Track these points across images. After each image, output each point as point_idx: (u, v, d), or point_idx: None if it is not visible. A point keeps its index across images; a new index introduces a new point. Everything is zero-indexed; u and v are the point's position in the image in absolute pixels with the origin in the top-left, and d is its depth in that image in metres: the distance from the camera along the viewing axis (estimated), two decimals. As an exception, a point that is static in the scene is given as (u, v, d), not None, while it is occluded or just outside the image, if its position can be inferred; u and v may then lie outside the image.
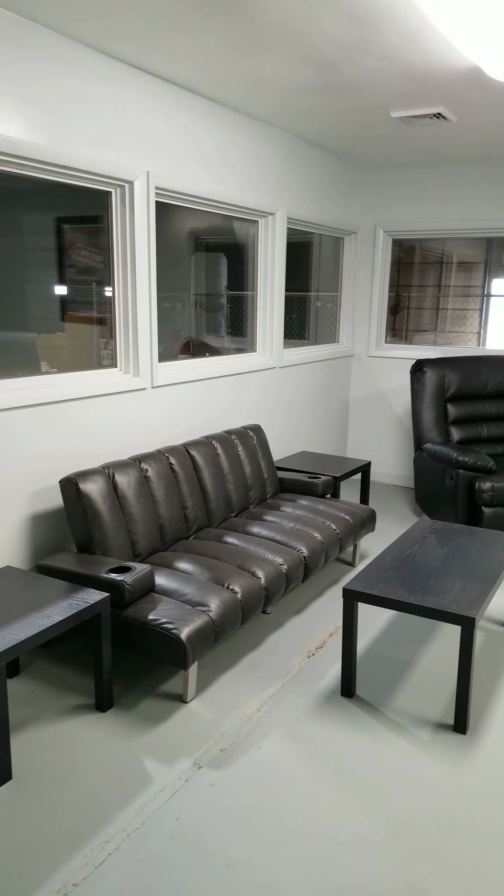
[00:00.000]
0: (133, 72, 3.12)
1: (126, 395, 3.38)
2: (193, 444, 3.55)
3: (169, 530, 3.21)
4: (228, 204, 3.91)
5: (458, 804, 2.11)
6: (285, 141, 4.34)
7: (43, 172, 2.85)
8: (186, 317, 4.10)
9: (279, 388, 4.71)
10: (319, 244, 5.29)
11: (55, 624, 2.22)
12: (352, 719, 2.52)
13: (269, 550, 3.13)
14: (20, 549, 2.91)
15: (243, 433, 3.93)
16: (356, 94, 3.49)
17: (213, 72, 3.19)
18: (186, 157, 3.54)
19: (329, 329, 5.56)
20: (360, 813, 2.07)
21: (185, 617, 2.51)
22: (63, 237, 3.21)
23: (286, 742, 2.38)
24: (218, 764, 2.26)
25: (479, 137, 4.34)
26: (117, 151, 3.11)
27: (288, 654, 2.97)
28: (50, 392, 2.95)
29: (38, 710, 2.52)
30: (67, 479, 2.83)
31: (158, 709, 2.55)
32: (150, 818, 2.03)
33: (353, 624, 2.60)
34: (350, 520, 3.66)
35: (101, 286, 3.36)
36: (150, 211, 3.32)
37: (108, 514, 2.88)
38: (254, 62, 3.04)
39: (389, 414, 5.71)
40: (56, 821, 2.01)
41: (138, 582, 2.60)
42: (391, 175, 5.35)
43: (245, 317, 4.52)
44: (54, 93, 2.77)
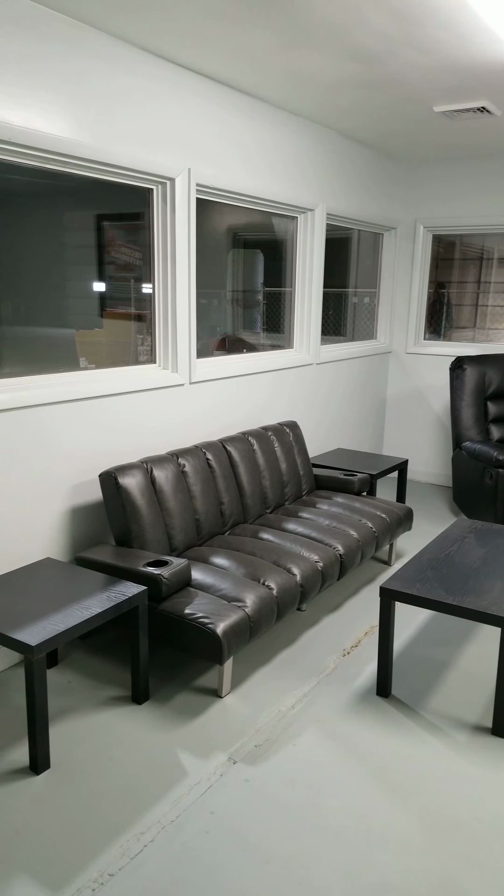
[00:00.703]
0: (175, 69, 3.13)
1: (164, 391, 3.40)
2: (230, 439, 3.56)
3: (205, 525, 3.22)
4: (268, 200, 3.90)
5: (497, 808, 2.08)
6: (326, 136, 4.32)
7: (87, 170, 2.88)
8: (222, 313, 4.11)
9: (316, 385, 4.69)
10: (358, 240, 5.24)
11: (94, 616, 2.25)
12: (388, 719, 2.50)
13: (304, 547, 3.12)
14: (60, 542, 2.96)
15: (279, 429, 3.93)
16: (398, 88, 3.44)
17: (255, 68, 3.18)
18: (227, 153, 3.54)
19: (367, 325, 5.52)
20: (397, 813, 2.05)
21: (221, 612, 2.52)
22: (103, 234, 3.24)
23: (321, 740, 2.37)
24: (253, 760, 2.27)
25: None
26: (159, 149, 3.13)
27: (323, 651, 2.96)
28: (90, 387, 2.98)
29: (75, 701, 2.56)
30: (107, 473, 2.86)
31: (193, 703, 2.57)
32: (185, 811, 2.04)
33: (389, 623, 2.58)
34: (387, 518, 3.63)
35: (139, 283, 3.39)
36: (191, 208, 3.33)
37: (145, 508, 2.91)
38: (296, 57, 3.02)
39: (427, 412, 5.64)
40: (93, 810, 2.04)
41: (175, 576, 2.62)
42: (432, 170, 5.27)
43: (281, 313, 4.50)
44: (98, 91, 2.79)
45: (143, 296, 3.40)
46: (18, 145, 2.53)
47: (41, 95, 2.57)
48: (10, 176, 2.74)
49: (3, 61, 2.42)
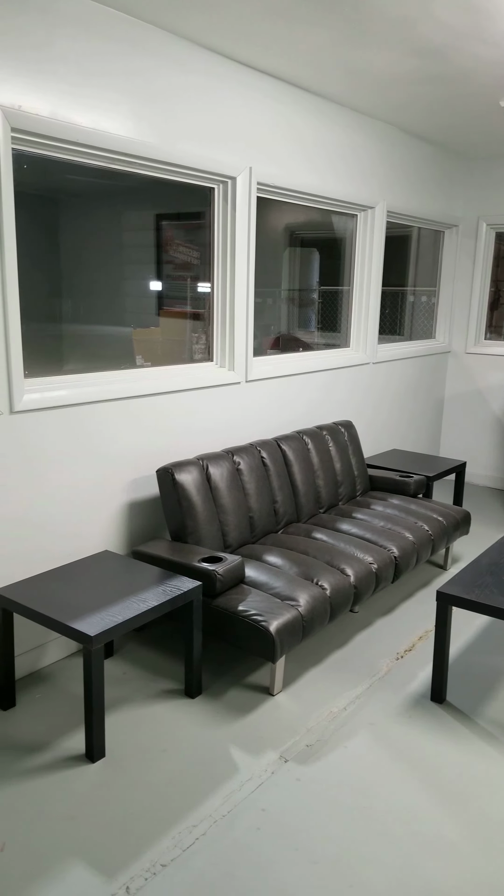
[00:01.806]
0: (236, 66, 3.14)
1: (221, 389, 3.42)
2: (284, 438, 3.56)
3: (258, 523, 3.23)
4: (328, 198, 3.88)
5: None
6: (387, 133, 4.26)
7: (151, 170, 2.92)
8: (277, 312, 4.11)
9: (372, 384, 4.65)
10: (417, 238, 5.16)
11: (150, 609, 2.28)
12: (442, 725, 2.46)
13: (358, 548, 3.09)
14: (118, 535, 3.01)
15: (334, 429, 3.90)
16: (463, 83, 3.37)
17: (317, 64, 3.16)
18: (287, 151, 3.54)
19: (425, 325, 5.43)
20: (450, 820, 2.02)
21: (275, 610, 2.52)
22: (161, 234, 3.28)
23: (373, 743, 2.35)
24: (304, 759, 2.26)
25: None
26: (221, 147, 3.14)
27: (376, 654, 2.93)
28: (149, 385, 3.02)
29: (129, 692, 2.61)
30: (164, 469, 2.90)
31: (245, 699, 2.58)
32: (236, 807, 2.05)
33: (446, 628, 2.53)
34: (443, 521, 3.56)
35: (195, 281, 3.42)
36: (252, 206, 3.34)
37: (201, 504, 2.94)
38: (359, 53, 2.99)
39: (487, 413, 5.52)
40: (146, 801, 2.07)
41: (229, 573, 2.64)
42: (496, 166, 5.14)
43: (336, 312, 4.47)
44: (161, 90, 2.83)
45: (199, 294, 3.43)
46: (86, 146, 2.58)
47: (107, 96, 2.62)
48: (72, 177, 2.80)
49: (69, 63, 2.48)
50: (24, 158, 2.50)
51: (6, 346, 2.44)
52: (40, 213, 2.73)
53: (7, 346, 2.44)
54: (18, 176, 2.46)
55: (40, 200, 2.72)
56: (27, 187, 2.56)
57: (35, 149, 2.48)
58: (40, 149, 2.49)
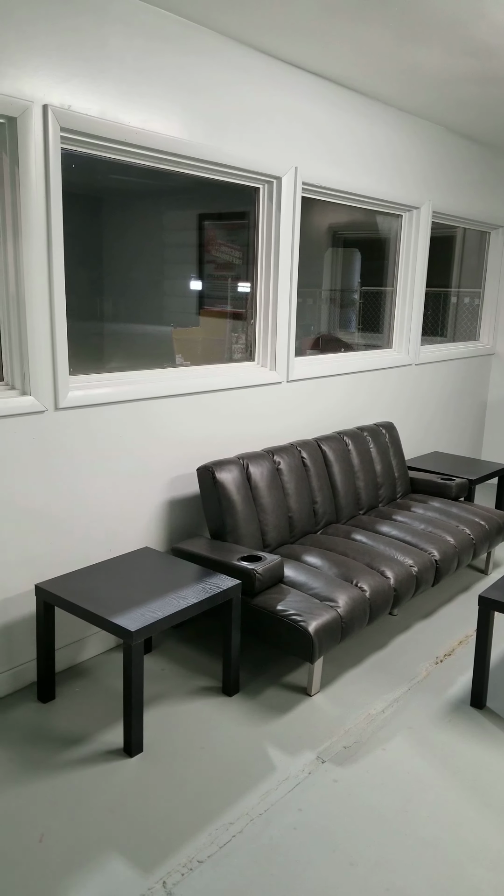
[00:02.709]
0: (284, 66, 3.14)
1: (262, 389, 3.42)
2: (325, 439, 3.54)
3: (298, 523, 3.22)
4: (374, 198, 3.85)
5: None
6: (433, 133, 4.21)
7: (197, 170, 2.94)
8: (317, 312, 4.09)
9: (414, 386, 4.59)
10: (463, 238, 5.08)
11: (190, 606, 2.30)
12: (482, 731, 2.41)
13: (398, 551, 3.06)
14: (158, 532, 3.04)
15: (375, 430, 3.87)
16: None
17: (367, 64, 3.14)
18: (333, 151, 3.52)
19: (468, 326, 5.34)
20: (491, 827, 1.98)
21: (313, 610, 2.51)
22: (203, 233, 3.30)
23: (412, 747, 2.32)
24: (342, 761, 2.25)
25: None
26: (267, 147, 3.15)
27: (415, 658, 2.89)
28: (190, 383, 3.04)
29: (168, 688, 2.62)
30: (204, 468, 2.91)
31: (283, 699, 2.57)
32: (273, 806, 2.05)
33: (487, 633, 2.49)
34: (485, 525, 3.50)
35: (236, 281, 3.42)
36: (296, 206, 3.34)
37: (240, 503, 2.94)
38: (410, 53, 2.96)
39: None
40: (183, 796, 2.08)
41: (268, 572, 2.64)
42: (545, 164, 5.04)
43: (378, 313, 4.43)
44: (208, 90, 2.85)
45: (239, 294, 3.44)
46: (134, 146, 2.61)
47: (156, 96, 2.65)
48: (116, 176, 2.83)
49: (119, 63, 2.51)
50: (72, 158, 2.54)
51: (52, 344, 2.48)
52: (84, 212, 2.77)
53: (53, 343, 2.48)
54: (65, 175, 2.50)
55: (84, 199, 2.75)
56: (73, 186, 2.60)
57: (84, 148, 2.52)
58: (89, 148, 2.53)
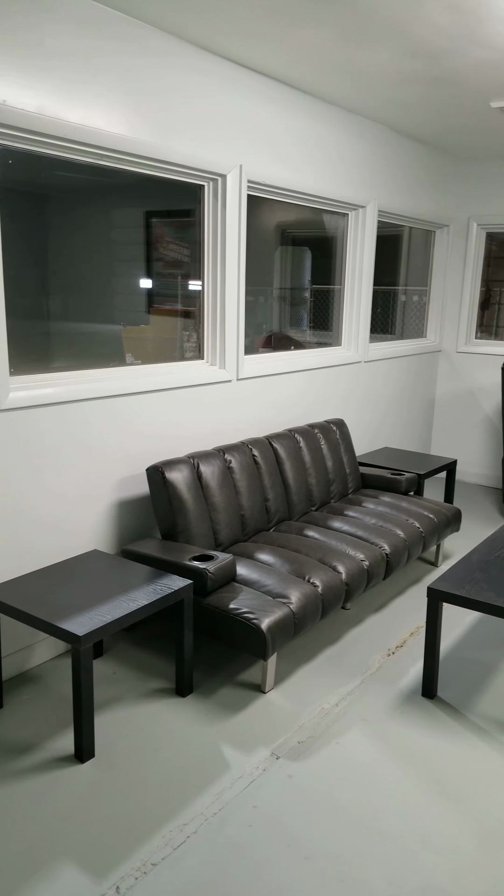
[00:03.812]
0: (229, 65, 3.14)
1: (212, 387, 3.41)
2: (276, 436, 3.55)
3: (250, 521, 3.22)
4: (319, 197, 3.88)
5: (547, 817, 2.02)
6: (379, 133, 4.27)
7: (141, 167, 2.91)
8: (269, 310, 4.10)
9: (363, 383, 4.65)
10: (409, 237, 5.17)
11: (140, 608, 2.27)
12: (434, 720, 2.45)
13: (350, 546, 3.09)
14: (107, 534, 3.00)
15: (326, 427, 3.90)
16: (456, 84, 3.38)
17: (310, 65, 3.16)
18: (279, 150, 3.53)
19: (416, 324, 5.44)
20: (445, 815, 2.01)
21: (266, 608, 2.51)
22: (151, 231, 3.27)
23: (366, 739, 2.34)
24: (296, 756, 2.25)
25: None
26: (212, 145, 3.14)
27: (367, 650, 2.92)
28: (138, 383, 3.01)
29: (120, 692, 2.59)
30: (154, 468, 2.89)
31: (237, 697, 2.57)
32: (228, 804, 2.04)
33: (436, 624, 2.53)
34: (434, 518, 3.57)
35: (186, 279, 3.41)
36: (242, 204, 3.34)
37: (191, 502, 2.92)
38: (354, 55, 2.99)
39: (477, 412, 5.53)
40: (137, 800, 2.06)
41: (220, 571, 2.63)
42: (487, 166, 5.16)
43: (329, 311, 4.47)
44: (153, 88, 2.82)
45: (189, 292, 3.42)
46: (74, 142, 2.57)
47: (98, 93, 2.61)
48: (62, 173, 2.78)
49: (59, 59, 2.46)
50: (9, 154, 2.49)
51: (-6, 344, 2.42)
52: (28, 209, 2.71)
53: (-5, 343, 2.42)
54: (4, 172, 2.45)
55: (28, 197, 2.70)
56: (14, 183, 2.54)
57: (21, 144, 2.47)
58: (27, 144, 2.48)
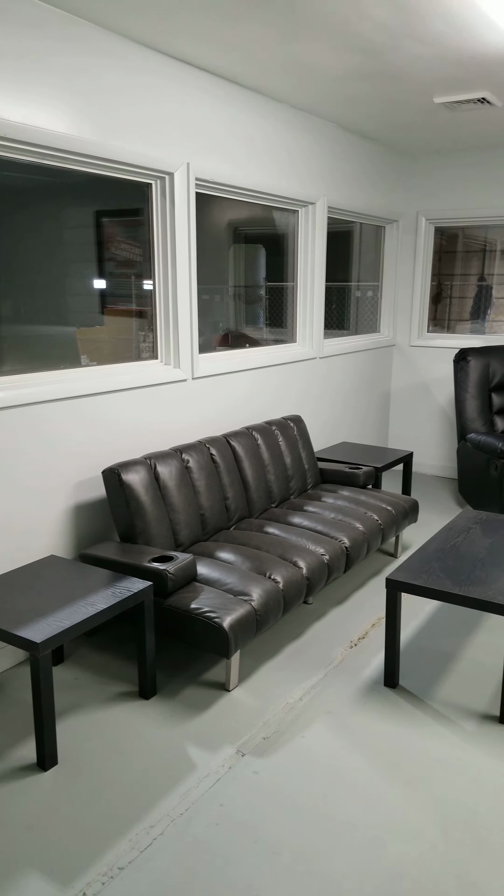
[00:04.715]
0: (174, 63, 3.12)
1: (167, 387, 3.40)
2: (234, 435, 3.56)
3: (210, 521, 3.22)
4: (268, 194, 3.89)
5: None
6: (327, 130, 4.30)
7: (86, 165, 2.88)
8: (225, 309, 4.10)
9: (320, 379, 4.68)
10: (360, 233, 5.22)
11: (99, 612, 2.25)
12: (396, 709, 2.49)
13: (310, 541, 3.11)
14: (64, 539, 2.96)
15: (284, 424, 3.92)
16: (400, 80, 3.42)
17: (256, 61, 3.17)
18: (227, 147, 3.53)
19: (370, 319, 5.50)
20: (408, 803, 2.05)
21: (228, 606, 2.52)
22: (102, 231, 3.24)
23: (330, 731, 2.37)
24: (261, 752, 2.26)
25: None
26: (158, 143, 3.12)
27: (330, 644, 2.95)
28: (91, 384, 2.98)
29: (82, 697, 2.57)
30: (110, 470, 2.86)
31: (201, 697, 2.57)
32: (194, 804, 2.04)
33: (396, 614, 2.57)
34: (392, 510, 3.62)
35: (140, 279, 3.38)
36: (191, 202, 3.33)
37: (150, 504, 2.91)
38: (297, 51, 3.01)
39: (432, 404, 5.63)
40: (102, 805, 2.04)
41: (181, 571, 2.62)
42: (434, 162, 5.25)
43: (284, 308, 4.49)
44: (97, 86, 2.79)
45: (144, 292, 3.40)
46: (17, 141, 2.53)
47: (40, 91, 2.57)
48: (8, 173, 2.74)
49: (4, 59, 2.42)
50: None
51: None
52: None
53: None
54: None
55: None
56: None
57: (-37, 145, 2.41)
58: (-31, 145, 2.43)
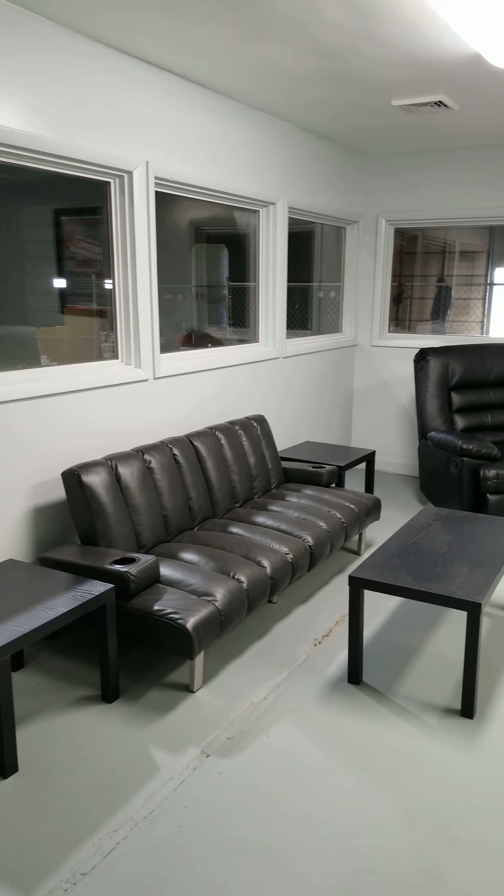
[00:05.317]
0: (132, 61, 3.10)
1: (128, 387, 3.37)
2: (197, 435, 3.54)
3: (173, 521, 3.20)
4: (229, 194, 3.89)
5: (471, 788, 2.10)
6: (287, 130, 4.32)
7: (42, 163, 2.83)
8: (188, 308, 4.09)
9: (283, 379, 4.70)
10: (321, 234, 5.26)
11: (59, 616, 2.22)
12: (360, 706, 2.51)
13: (274, 540, 3.12)
14: (23, 542, 2.91)
15: (247, 424, 3.92)
16: (357, 82, 3.46)
17: (214, 61, 3.16)
18: (187, 147, 3.52)
19: (332, 319, 5.54)
20: (373, 798, 2.06)
21: (191, 607, 2.50)
22: (62, 229, 3.20)
23: (294, 729, 2.37)
24: (226, 752, 2.26)
25: (480, 125, 4.30)
26: (116, 142, 3.09)
27: (294, 642, 2.96)
28: (50, 384, 2.94)
29: (44, 703, 2.52)
30: (70, 472, 2.82)
31: (165, 699, 2.55)
32: (158, 807, 2.02)
33: (359, 611, 2.59)
34: (355, 509, 3.64)
35: (100, 278, 3.35)
36: (150, 201, 3.31)
37: (111, 505, 2.88)
38: (256, 52, 3.01)
39: (393, 403, 5.69)
40: (64, 811, 2.01)
41: (143, 573, 2.60)
42: (393, 164, 5.31)
43: (248, 308, 4.50)
44: (55, 84, 2.75)
45: (105, 291, 3.37)
46: (-30, 138, 2.48)
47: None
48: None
49: (-48, 52, 2.37)
50: None
51: None
52: None
53: None
54: None
55: None
56: None
57: None
58: None
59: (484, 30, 2.75)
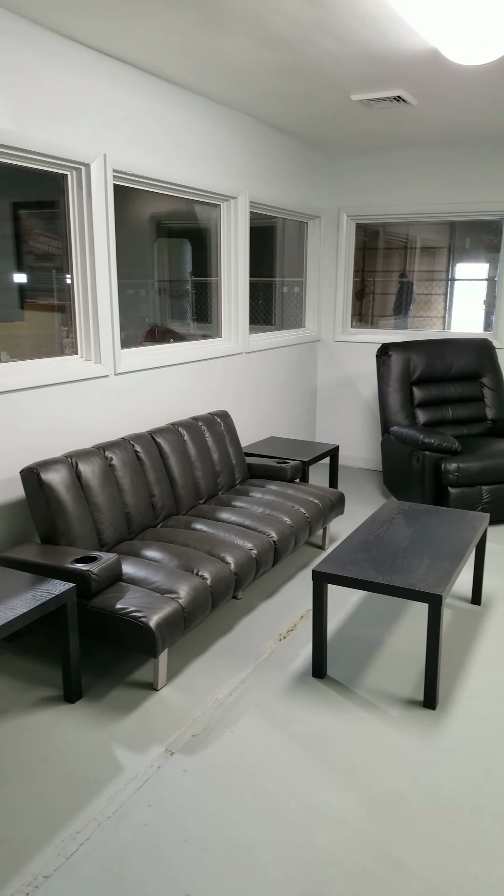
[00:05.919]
0: (90, 53, 3.05)
1: (88, 383, 3.32)
2: (159, 431, 3.52)
3: (136, 519, 3.17)
4: (189, 187, 3.86)
5: (432, 778, 2.13)
6: (248, 124, 4.30)
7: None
8: (150, 303, 4.05)
9: (246, 374, 4.69)
10: (283, 229, 5.26)
11: (19, 616, 2.18)
12: (324, 699, 2.52)
13: (238, 536, 3.11)
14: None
15: (210, 419, 3.91)
16: (315, 76, 3.45)
17: (172, 53, 3.12)
18: (146, 139, 3.48)
19: (295, 314, 5.55)
20: (335, 790, 2.08)
21: (154, 604, 2.49)
22: (20, 223, 3.14)
23: (259, 724, 2.38)
24: (190, 749, 2.25)
25: (439, 120, 4.34)
26: (73, 134, 3.04)
27: (259, 637, 2.96)
28: (7, 381, 2.88)
29: (5, 704, 2.48)
30: (29, 470, 2.78)
31: (129, 697, 2.53)
32: (122, 806, 2.01)
33: (322, 606, 2.60)
34: (319, 503, 3.66)
35: (60, 273, 3.30)
36: (108, 194, 3.26)
37: (71, 503, 2.84)
38: (212, 42, 2.98)
39: (357, 398, 5.73)
40: (25, 814, 1.98)
41: (105, 571, 2.57)
42: (354, 159, 5.33)
43: (211, 303, 4.47)
44: (8, 74, 2.69)
45: (65, 286, 3.32)
46: None
47: None
48: None
49: None
50: None
51: None
52: None
53: None
54: None
55: None
56: None
57: None
58: None
59: (441, 25, 2.78)
